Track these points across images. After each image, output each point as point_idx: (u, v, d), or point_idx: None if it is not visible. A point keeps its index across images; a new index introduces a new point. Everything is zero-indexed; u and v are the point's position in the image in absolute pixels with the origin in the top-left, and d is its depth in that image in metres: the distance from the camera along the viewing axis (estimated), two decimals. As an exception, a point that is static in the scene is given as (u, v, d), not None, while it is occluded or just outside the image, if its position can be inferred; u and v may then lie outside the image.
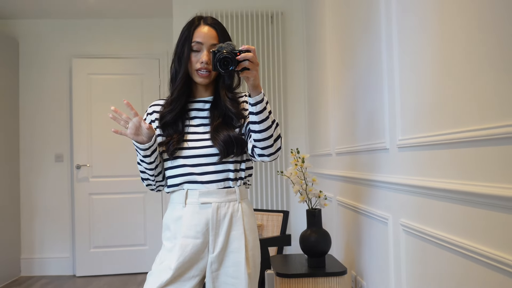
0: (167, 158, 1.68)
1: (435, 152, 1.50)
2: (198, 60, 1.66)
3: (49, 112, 4.96)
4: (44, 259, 4.86)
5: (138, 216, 4.89)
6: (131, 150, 4.77)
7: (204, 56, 1.65)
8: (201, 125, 1.71)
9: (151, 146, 1.61)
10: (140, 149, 1.60)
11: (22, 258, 4.84)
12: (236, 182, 1.68)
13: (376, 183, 2.11)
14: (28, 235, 4.86)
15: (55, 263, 4.86)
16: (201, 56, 1.66)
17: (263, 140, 1.57)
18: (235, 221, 1.64)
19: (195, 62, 1.67)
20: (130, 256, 4.83)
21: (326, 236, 2.35)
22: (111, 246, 4.81)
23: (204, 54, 1.65)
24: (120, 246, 4.83)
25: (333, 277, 2.21)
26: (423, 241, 1.61)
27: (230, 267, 1.63)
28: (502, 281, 1.14)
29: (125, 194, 4.88)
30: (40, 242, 4.87)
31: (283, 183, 4.04)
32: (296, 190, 2.41)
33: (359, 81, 2.37)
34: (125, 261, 4.82)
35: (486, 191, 1.18)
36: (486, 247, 1.20)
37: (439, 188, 1.45)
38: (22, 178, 4.90)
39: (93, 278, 4.64)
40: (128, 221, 4.86)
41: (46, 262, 4.85)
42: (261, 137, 1.57)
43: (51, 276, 4.80)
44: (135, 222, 4.88)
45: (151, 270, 1.66)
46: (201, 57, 1.66)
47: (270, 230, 3.09)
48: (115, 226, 4.83)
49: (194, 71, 1.68)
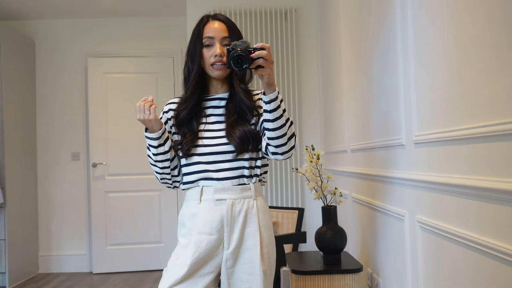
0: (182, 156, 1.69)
1: (451, 148, 1.49)
2: (211, 54, 1.67)
3: (65, 111, 5.01)
4: (62, 256, 4.92)
5: (153, 214, 4.92)
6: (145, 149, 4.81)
7: (218, 49, 1.66)
8: (217, 122, 1.71)
9: (164, 133, 1.64)
10: (154, 139, 1.63)
11: (40, 255, 4.90)
12: (251, 179, 1.68)
13: (392, 179, 2.09)
14: (45, 232, 4.92)
15: (72, 260, 4.91)
16: (214, 49, 1.67)
17: (277, 138, 1.57)
18: (250, 218, 1.65)
19: (209, 57, 1.67)
20: (145, 253, 4.86)
21: (341, 233, 2.34)
22: (127, 244, 4.85)
23: (217, 47, 1.66)
24: (136, 243, 4.87)
25: (349, 274, 2.20)
26: (440, 237, 1.59)
27: (245, 264, 1.63)
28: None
29: (141, 192, 4.91)
30: (57, 239, 4.93)
31: (298, 180, 4.03)
32: (311, 187, 2.40)
33: (374, 78, 2.36)
34: (141, 258, 4.85)
35: (502, 186, 1.16)
36: (503, 243, 1.18)
37: (456, 184, 1.43)
38: (39, 176, 4.96)
39: (110, 275, 4.69)
40: (144, 218, 4.90)
41: (64, 259, 4.91)
42: (275, 135, 1.57)
43: (68, 273, 4.86)
44: (151, 219, 4.91)
45: (167, 266, 1.67)
46: (214, 51, 1.66)
47: (285, 227, 3.09)
48: (131, 223, 4.87)
49: (209, 66, 1.68)
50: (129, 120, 4.88)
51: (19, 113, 4.63)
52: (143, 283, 4.38)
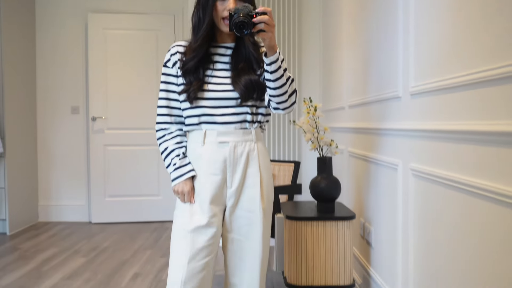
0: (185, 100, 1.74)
1: (447, 96, 1.55)
2: (224, 8, 1.65)
3: (65, 66, 5.02)
4: (61, 206, 5.02)
5: (152, 168, 5.01)
6: (146, 103, 4.88)
7: (231, 4, 1.64)
8: (223, 70, 1.74)
9: None
10: None
11: (40, 204, 5.00)
12: (253, 125, 1.74)
13: (387, 131, 2.17)
14: (45, 182, 5.01)
15: (72, 210, 5.02)
16: (227, 4, 1.65)
17: (278, 96, 1.64)
18: (251, 159, 1.72)
19: (222, 11, 1.66)
20: (143, 205, 4.98)
21: (336, 182, 2.42)
22: (126, 196, 4.96)
23: (230, 2, 1.64)
24: (134, 195, 4.97)
25: (342, 221, 2.29)
26: (432, 183, 1.66)
27: (245, 202, 1.71)
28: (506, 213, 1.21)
29: (140, 146, 4.99)
30: (57, 189, 5.03)
31: (296, 134, 4.11)
32: (307, 139, 2.47)
33: (374, 33, 2.39)
34: (139, 210, 4.97)
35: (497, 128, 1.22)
36: (498, 184, 1.23)
37: (451, 130, 1.50)
38: (39, 128, 5.01)
39: (108, 225, 4.81)
40: (142, 172, 4.99)
41: (63, 209, 5.02)
42: (276, 93, 1.63)
43: (67, 222, 4.98)
44: (149, 173, 5.00)
45: (176, 208, 1.75)
46: (228, 5, 1.64)
47: (281, 180, 3.18)
48: (130, 176, 4.97)
49: (220, 20, 1.68)
50: (129, 76, 4.91)
51: (19, 67, 4.64)
52: (141, 232, 4.50)
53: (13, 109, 4.51)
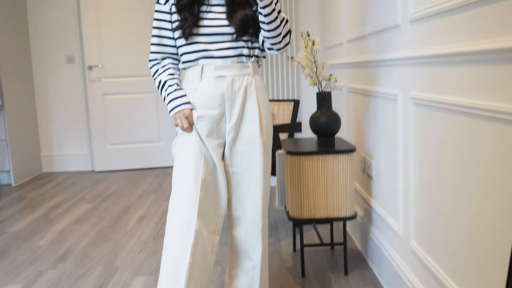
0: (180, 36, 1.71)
1: (447, 19, 1.51)
2: None
3: (58, 14, 4.91)
4: (63, 156, 5.06)
5: (151, 115, 5.00)
6: (142, 50, 4.80)
7: None
8: (218, 5, 1.71)
9: None
10: None
11: (42, 155, 5.03)
12: (250, 58, 1.72)
13: (387, 62, 2.13)
14: (46, 134, 5.02)
15: (74, 160, 5.06)
16: None
17: (272, 38, 1.65)
18: (249, 93, 1.71)
19: None
20: (145, 152, 5.01)
21: (335, 117, 2.41)
22: (127, 143, 4.98)
23: None
24: (135, 142, 5.00)
25: (343, 154, 2.30)
26: (434, 109, 1.65)
27: (245, 136, 1.71)
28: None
29: (138, 94, 4.96)
30: (58, 140, 5.04)
31: (294, 72, 4.07)
32: (306, 74, 2.44)
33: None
34: (141, 157, 5.01)
35: (499, 45, 1.20)
36: (503, 103, 1.21)
37: (451, 52, 1.47)
38: (35, 80, 4.96)
39: (111, 173, 4.86)
40: (142, 119, 4.99)
41: (66, 159, 5.06)
42: (270, 35, 1.64)
43: (71, 171, 5.03)
44: (149, 120, 5.00)
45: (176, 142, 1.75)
46: None
47: (281, 119, 3.17)
48: (130, 124, 4.97)
49: None
50: (123, 21, 4.81)
51: (9, 17, 4.54)
52: (144, 178, 4.55)
53: (7, 60, 4.45)
